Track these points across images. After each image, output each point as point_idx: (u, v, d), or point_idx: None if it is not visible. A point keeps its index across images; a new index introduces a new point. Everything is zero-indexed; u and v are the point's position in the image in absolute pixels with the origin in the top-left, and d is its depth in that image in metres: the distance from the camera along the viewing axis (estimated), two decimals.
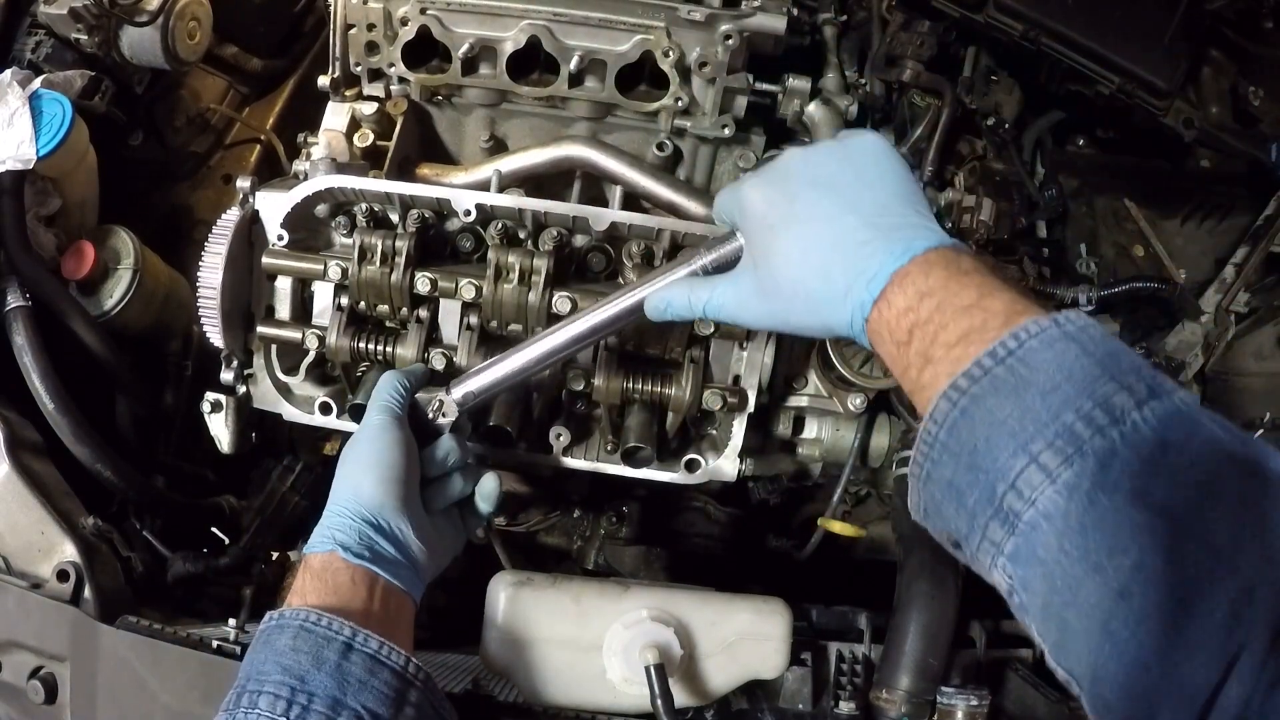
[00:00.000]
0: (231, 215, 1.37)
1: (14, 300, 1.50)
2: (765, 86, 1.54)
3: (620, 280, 1.38)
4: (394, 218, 1.37)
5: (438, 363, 1.34)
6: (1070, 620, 0.73)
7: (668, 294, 1.11)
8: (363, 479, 1.14)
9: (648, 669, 1.23)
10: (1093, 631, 0.71)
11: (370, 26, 1.48)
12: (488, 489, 1.28)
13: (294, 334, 1.39)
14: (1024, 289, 0.87)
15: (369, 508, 1.13)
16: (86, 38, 1.69)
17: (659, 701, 1.22)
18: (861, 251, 0.90)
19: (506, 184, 1.48)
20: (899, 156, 0.99)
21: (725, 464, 1.39)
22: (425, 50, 1.48)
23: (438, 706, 1.05)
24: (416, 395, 1.26)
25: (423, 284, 1.31)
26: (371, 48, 1.51)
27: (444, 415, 1.24)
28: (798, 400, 1.53)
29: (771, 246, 0.98)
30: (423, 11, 1.43)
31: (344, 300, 1.35)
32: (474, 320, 1.34)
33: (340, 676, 0.98)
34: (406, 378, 1.26)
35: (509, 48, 1.44)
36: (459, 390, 1.24)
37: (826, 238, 0.93)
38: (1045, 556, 0.73)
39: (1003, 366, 0.77)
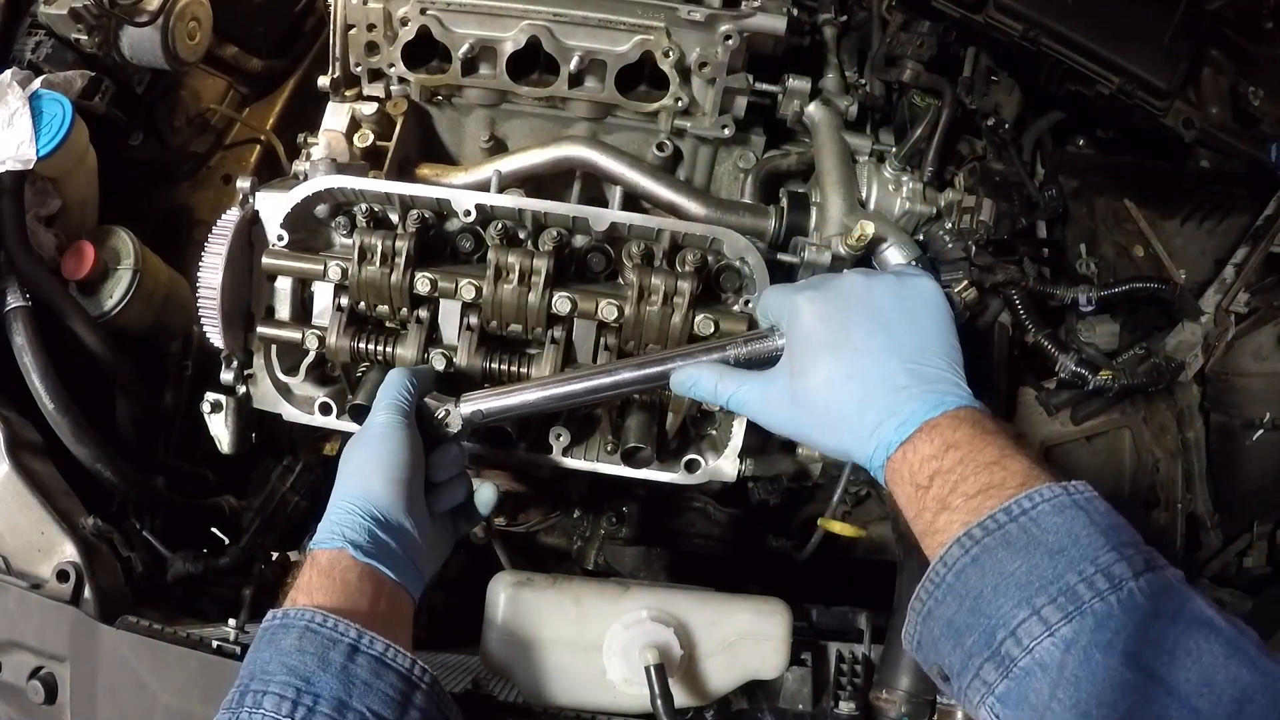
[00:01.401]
0: (231, 215, 1.38)
1: (14, 300, 1.50)
2: (765, 86, 1.54)
3: (620, 281, 1.38)
4: (394, 218, 1.37)
5: (438, 363, 1.34)
6: None
7: (696, 374, 1.15)
8: (373, 476, 1.14)
9: (648, 669, 1.23)
10: None
11: (370, 27, 1.48)
12: (486, 497, 1.31)
13: (294, 334, 1.39)
14: (1038, 456, 0.93)
15: (378, 506, 1.12)
16: (86, 38, 1.69)
17: (659, 701, 1.22)
18: (899, 395, 0.97)
19: (506, 184, 1.48)
20: (949, 310, 1.06)
21: (725, 464, 1.39)
22: (425, 50, 1.48)
23: (444, 709, 1.05)
24: (424, 399, 1.26)
25: (423, 284, 1.31)
26: (371, 48, 1.51)
27: (447, 426, 1.25)
28: None
29: (814, 364, 1.03)
30: (423, 12, 1.43)
31: (344, 300, 1.35)
32: (474, 320, 1.34)
33: (346, 678, 0.98)
34: (415, 377, 1.25)
35: (509, 48, 1.44)
36: (468, 406, 1.25)
37: (871, 373, 0.99)
38: (1036, 702, 0.79)
39: (1016, 524, 0.85)
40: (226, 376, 1.41)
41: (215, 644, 1.27)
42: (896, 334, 1.01)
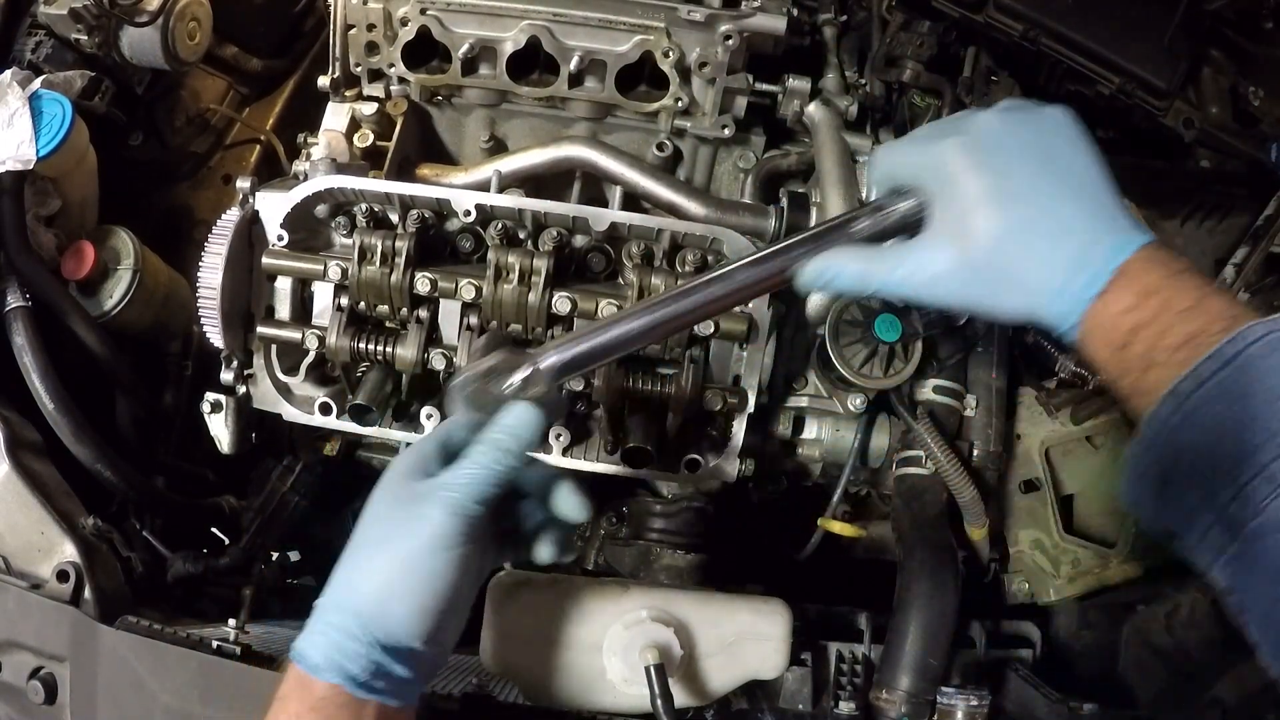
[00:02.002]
0: (231, 215, 1.38)
1: (14, 300, 1.50)
2: (765, 86, 1.54)
3: (620, 281, 1.38)
4: (394, 218, 1.37)
5: (438, 363, 1.34)
6: None
7: (835, 265, 0.94)
8: (399, 602, 0.88)
9: (648, 669, 1.23)
10: None
11: (370, 27, 1.48)
12: (569, 506, 1.02)
13: (294, 334, 1.39)
14: (1235, 300, 0.86)
15: (396, 639, 0.89)
16: (86, 38, 1.69)
17: (659, 701, 1.22)
18: (1085, 239, 0.86)
19: (506, 184, 1.48)
20: (1087, 134, 0.93)
21: (725, 464, 1.39)
22: (425, 50, 1.48)
23: None
24: (493, 363, 0.98)
25: (423, 284, 1.31)
26: (371, 48, 1.51)
27: (530, 387, 0.97)
28: (798, 400, 1.53)
29: (979, 221, 0.88)
30: (423, 12, 1.43)
31: (344, 300, 1.35)
32: (474, 320, 1.34)
33: None
34: (518, 446, 0.94)
35: (509, 48, 1.44)
36: (550, 358, 0.98)
37: (1046, 219, 0.87)
38: (1268, 565, 0.73)
39: (1225, 372, 0.77)
40: (226, 376, 1.41)
41: (215, 644, 1.27)
42: (1059, 170, 0.89)
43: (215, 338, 1.38)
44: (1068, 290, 0.86)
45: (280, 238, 1.36)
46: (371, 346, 1.35)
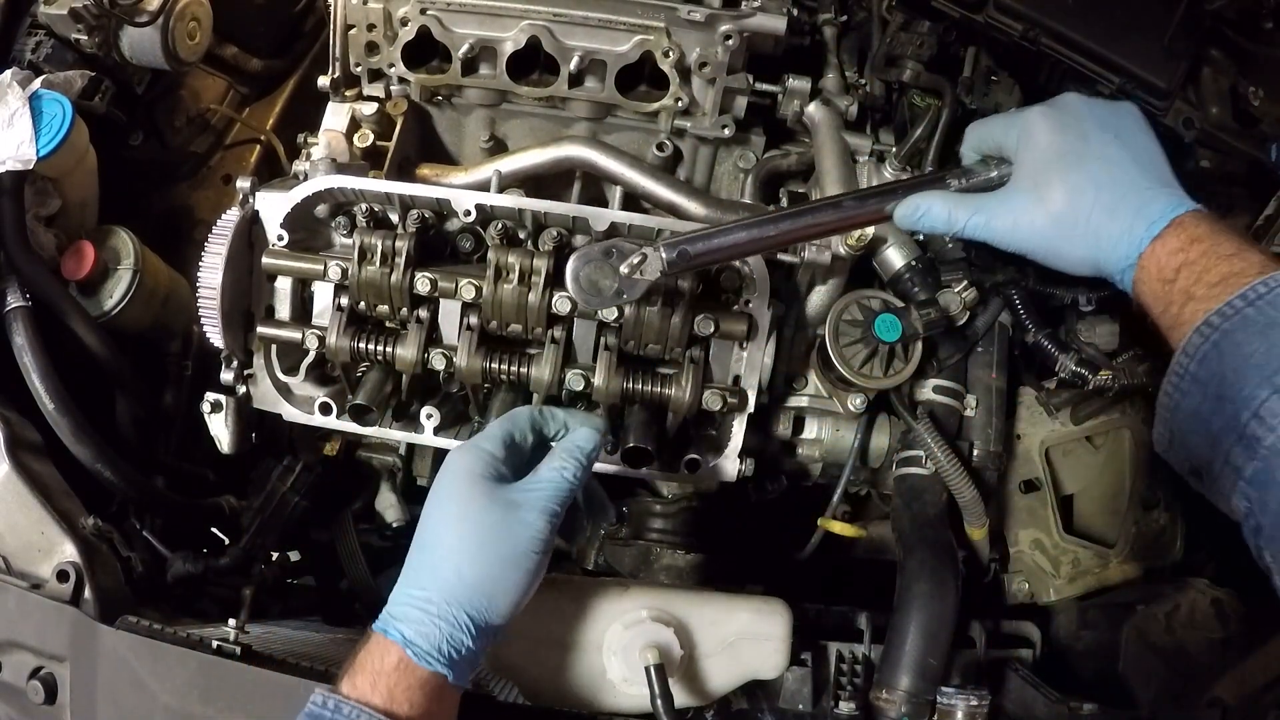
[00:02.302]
0: (231, 215, 1.38)
1: (14, 300, 1.50)
2: (765, 86, 1.54)
3: None
4: (394, 218, 1.37)
5: (438, 363, 1.34)
6: None
7: (926, 203, 1.09)
8: (505, 596, 1.01)
9: (648, 669, 1.24)
10: None
11: (370, 27, 1.48)
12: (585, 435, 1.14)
13: (294, 334, 1.39)
14: (1267, 249, 0.98)
15: (492, 619, 1.01)
16: (86, 38, 1.69)
17: (659, 701, 1.22)
18: (1145, 196, 0.99)
19: (506, 184, 1.48)
20: (1151, 127, 1.08)
21: (725, 464, 1.39)
22: (425, 50, 1.48)
23: None
24: (613, 243, 1.11)
25: (423, 284, 1.31)
26: (371, 48, 1.51)
27: (642, 273, 1.09)
28: (798, 400, 1.54)
29: (1058, 175, 1.02)
30: (423, 12, 1.43)
31: (344, 300, 1.35)
32: (474, 320, 1.34)
33: None
34: (588, 461, 1.09)
35: (509, 48, 1.44)
36: (671, 249, 1.08)
37: (1115, 179, 1.01)
38: None
39: (1253, 307, 0.87)
40: (226, 376, 1.41)
41: (215, 644, 1.27)
42: (1129, 143, 1.03)
43: (215, 338, 1.38)
44: (1129, 236, 0.98)
45: (280, 238, 1.36)
46: (371, 346, 1.35)
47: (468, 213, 1.33)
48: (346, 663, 1.02)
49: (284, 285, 1.40)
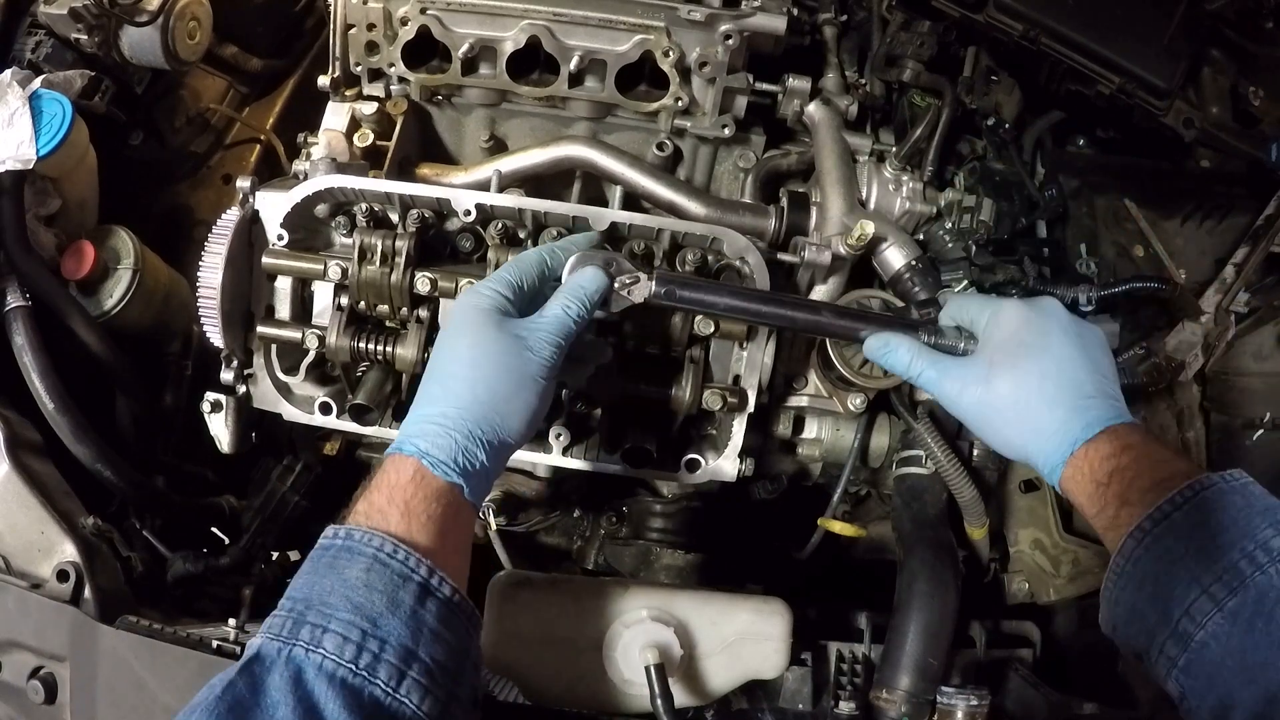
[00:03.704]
0: (231, 215, 1.38)
1: (14, 300, 1.50)
2: (765, 86, 1.54)
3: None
4: (394, 218, 1.37)
5: None
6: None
7: (896, 342, 1.18)
8: (516, 411, 1.05)
9: (648, 669, 1.24)
10: None
11: (370, 26, 1.48)
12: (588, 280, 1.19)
13: (294, 334, 1.39)
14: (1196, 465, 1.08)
15: (507, 435, 1.04)
16: (86, 38, 1.69)
17: (659, 701, 1.22)
18: (1088, 402, 1.07)
19: (506, 184, 1.48)
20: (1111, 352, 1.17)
21: (725, 464, 1.39)
22: (425, 50, 1.48)
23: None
24: (613, 256, 1.19)
25: (423, 284, 1.31)
26: (371, 48, 1.51)
27: (629, 293, 1.18)
28: (798, 400, 1.53)
29: (1013, 361, 1.10)
30: (423, 11, 1.43)
31: (344, 300, 1.35)
32: None
33: (415, 624, 0.90)
34: (591, 301, 1.14)
35: (509, 48, 1.44)
36: (663, 284, 1.18)
37: (1064, 378, 1.08)
38: (1211, 671, 0.90)
39: (1180, 513, 0.95)
40: (226, 376, 1.41)
41: (215, 644, 1.27)
42: (1087, 351, 1.11)
43: (215, 337, 1.38)
44: (1064, 433, 1.05)
45: (280, 237, 1.36)
46: (371, 346, 1.35)
47: (468, 212, 1.33)
48: (358, 492, 1.01)
49: (284, 285, 1.40)
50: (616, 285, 1.17)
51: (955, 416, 1.17)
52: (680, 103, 1.48)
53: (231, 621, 1.32)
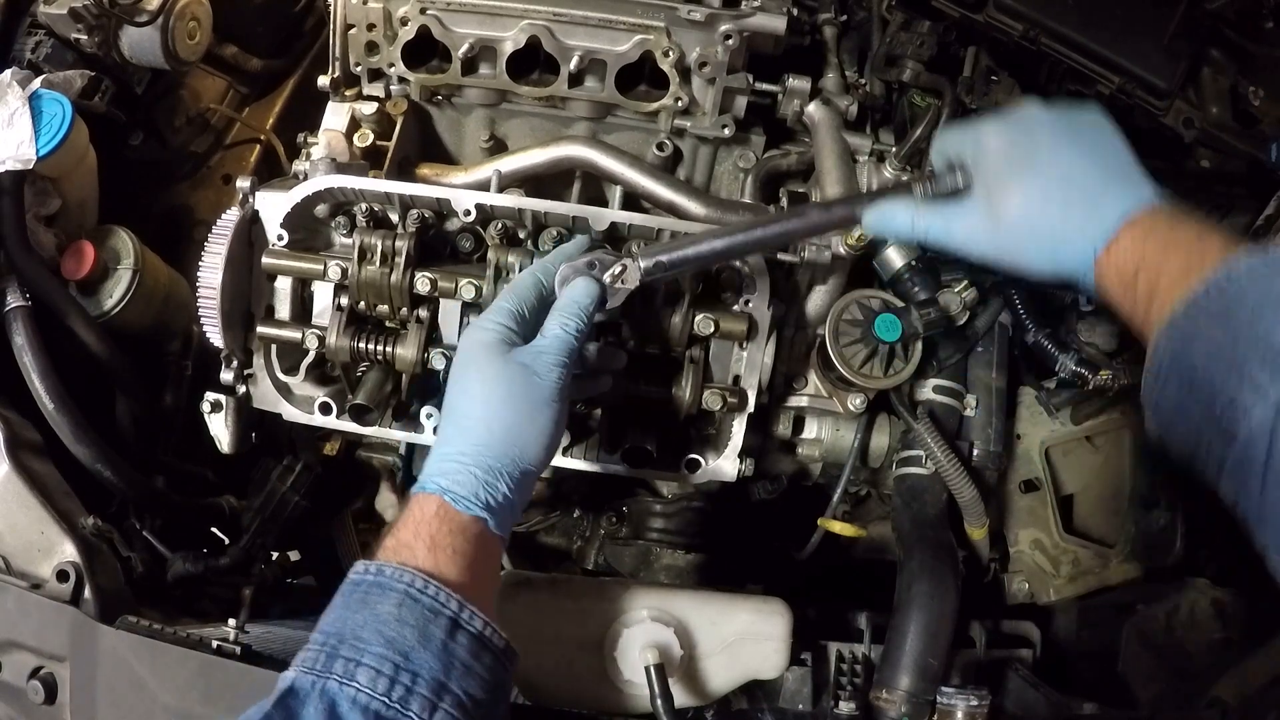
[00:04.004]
0: (231, 215, 1.38)
1: (14, 300, 1.50)
2: (765, 86, 1.54)
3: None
4: (394, 218, 1.37)
5: (438, 363, 1.34)
6: None
7: (890, 212, 1.12)
8: (533, 442, 1.06)
9: (648, 669, 1.24)
10: None
11: (370, 26, 1.48)
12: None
13: (294, 334, 1.39)
14: (1238, 235, 0.95)
15: (527, 464, 1.06)
16: (86, 38, 1.69)
17: (659, 701, 1.22)
18: (1097, 199, 0.99)
19: (506, 184, 1.48)
20: (1115, 125, 1.07)
21: (725, 464, 1.39)
22: (425, 50, 1.48)
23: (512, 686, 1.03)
24: (594, 257, 1.18)
25: (423, 284, 1.31)
26: (371, 48, 1.51)
27: (623, 283, 1.16)
28: (798, 400, 1.53)
29: (1011, 185, 1.04)
30: (423, 11, 1.43)
31: (344, 300, 1.35)
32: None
33: (446, 657, 0.93)
34: (587, 314, 1.13)
35: (509, 48, 1.44)
36: (648, 259, 1.17)
37: (1066, 184, 1.01)
38: (1258, 469, 0.80)
39: (1213, 300, 0.86)
40: (226, 376, 1.41)
41: (215, 644, 1.27)
42: (1082, 147, 1.04)
43: (215, 338, 1.38)
44: (1083, 237, 0.98)
45: (280, 237, 1.36)
46: (371, 346, 1.35)
47: (468, 212, 1.33)
48: (385, 530, 1.05)
49: (284, 285, 1.40)
50: (608, 280, 1.16)
51: (978, 258, 1.09)
52: (680, 103, 1.48)
53: (231, 621, 1.32)
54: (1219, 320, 0.85)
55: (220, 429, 1.46)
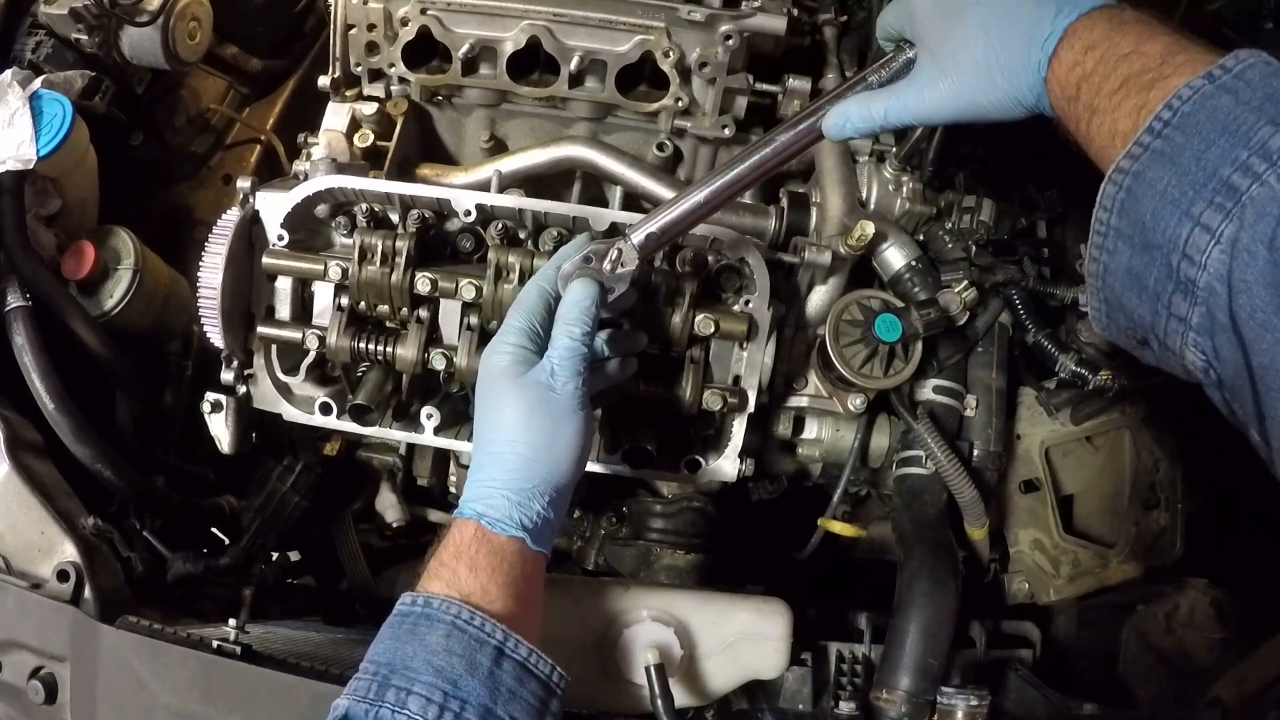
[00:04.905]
0: (231, 215, 1.38)
1: (14, 300, 1.50)
2: (765, 86, 1.54)
3: None
4: (394, 218, 1.37)
5: (438, 363, 1.34)
6: (1260, 380, 0.72)
7: (844, 110, 1.09)
8: (563, 456, 1.08)
9: (648, 669, 1.24)
10: None
11: (370, 27, 1.48)
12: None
13: (294, 334, 1.39)
14: (1184, 34, 0.86)
15: (560, 484, 1.08)
16: (87, 38, 1.69)
17: (659, 701, 1.22)
18: (1034, 15, 0.93)
19: (506, 184, 1.49)
20: None
21: (725, 464, 1.39)
22: (425, 50, 1.48)
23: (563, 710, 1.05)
24: (589, 250, 1.17)
25: (423, 284, 1.31)
26: (372, 48, 1.51)
27: (623, 265, 1.16)
28: (798, 400, 1.54)
29: (948, 33, 1.00)
30: (423, 12, 1.43)
31: (344, 300, 1.35)
32: (474, 320, 1.34)
33: (493, 684, 0.96)
34: (589, 315, 1.12)
35: (509, 48, 1.44)
36: (638, 234, 1.16)
37: (1001, 11, 0.96)
38: (1224, 321, 0.73)
39: (1160, 139, 0.78)
40: (226, 376, 1.41)
41: (215, 644, 1.27)
42: None
43: (215, 338, 1.38)
44: (1028, 63, 0.93)
45: (280, 238, 1.36)
46: (371, 346, 1.35)
47: (468, 213, 1.33)
48: (426, 556, 1.08)
49: (284, 285, 1.40)
50: (607, 267, 1.16)
51: (944, 121, 1.06)
52: (680, 103, 1.48)
53: (231, 621, 1.32)
54: (1167, 163, 0.77)
55: (220, 429, 1.46)
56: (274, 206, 1.36)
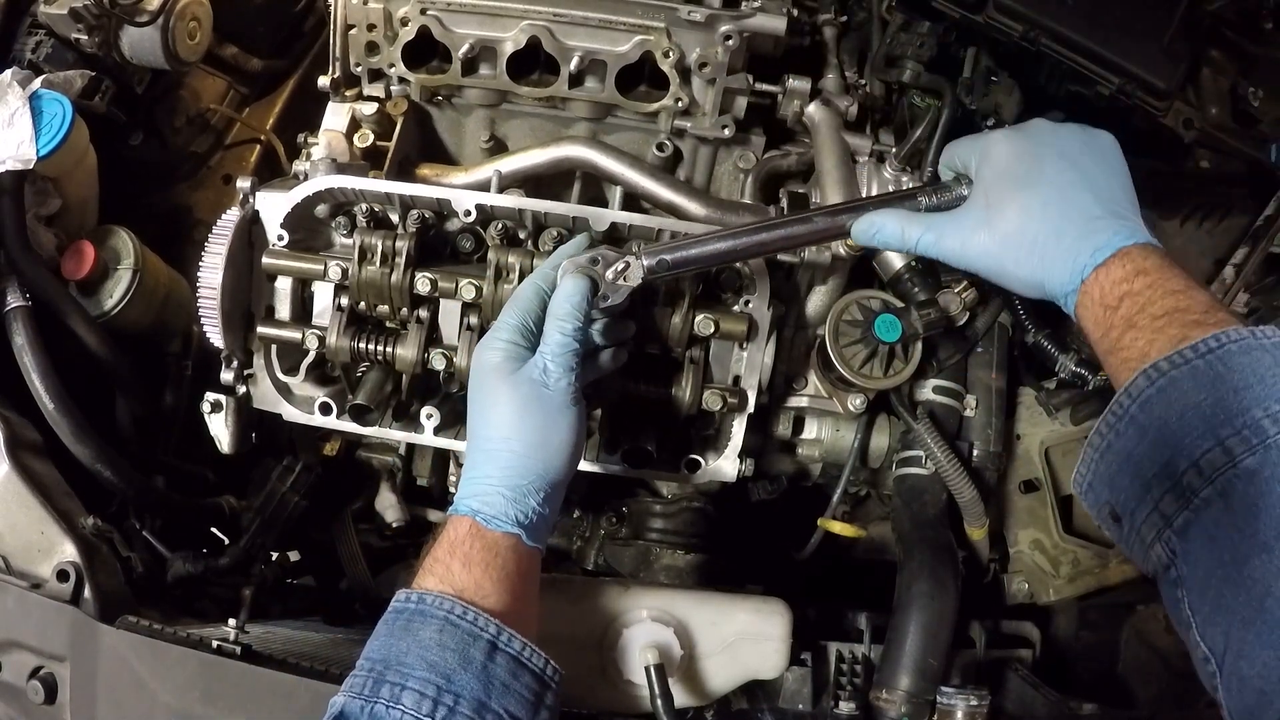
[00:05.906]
0: (231, 215, 1.38)
1: (14, 300, 1.50)
2: (765, 87, 1.54)
3: None
4: (394, 218, 1.37)
5: (438, 363, 1.34)
6: (1226, 595, 0.79)
7: (880, 220, 1.12)
8: (556, 451, 1.09)
9: (648, 669, 1.24)
10: (1249, 606, 0.77)
11: (370, 27, 1.48)
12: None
13: (294, 334, 1.39)
14: (1220, 301, 0.96)
15: (555, 480, 1.09)
16: (86, 38, 1.69)
17: (659, 701, 1.22)
18: (1095, 224, 1.00)
19: (506, 184, 1.48)
20: (1124, 161, 1.09)
21: (725, 464, 1.39)
22: (425, 50, 1.48)
23: (560, 705, 1.06)
24: (598, 253, 1.18)
25: (423, 284, 1.31)
26: (372, 48, 1.51)
27: (625, 279, 1.17)
28: (798, 400, 1.54)
29: (1010, 197, 1.04)
30: (423, 12, 1.43)
31: (344, 300, 1.36)
32: (474, 320, 1.34)
33: (486, 678, 0.97)
34: (580, 311, 1.13)
35: (509, 48, 1.44)
36: (651, 256, 1.17)
37: (1066, 204, 1.02)
38: (1215, 533, 0.81)
39: (1203, 360, 0.86)
40: (226, 376, 1.41)
41: (215, 644, 1.27)
42: (1087, 172, 1.04)
43: (215, 338, 1.38)
44: (1073, 261, 0.99)
45: (280, 238, 1.36)
46: (371, 346, 1.35)
47: (468, 213, 1.33)
48: (422, 553, 1.09)
49: (284, 285, 1.40)
50: (610, 276, 1.17)
51: (967, 269, 1.09)
52: (680, 103, 1.48)
53: (231, 621, 1.32)
54: (1205, 384, 0.85)
55: (220, 429, 1.46)
56: (274, 206, 1.36)
